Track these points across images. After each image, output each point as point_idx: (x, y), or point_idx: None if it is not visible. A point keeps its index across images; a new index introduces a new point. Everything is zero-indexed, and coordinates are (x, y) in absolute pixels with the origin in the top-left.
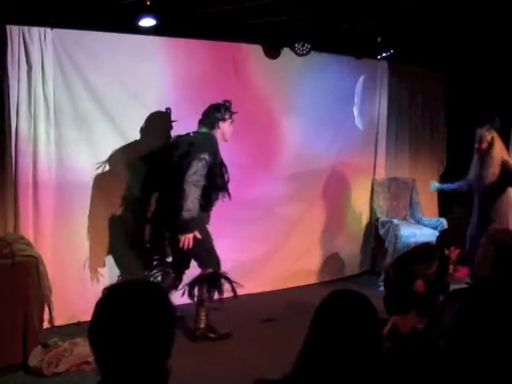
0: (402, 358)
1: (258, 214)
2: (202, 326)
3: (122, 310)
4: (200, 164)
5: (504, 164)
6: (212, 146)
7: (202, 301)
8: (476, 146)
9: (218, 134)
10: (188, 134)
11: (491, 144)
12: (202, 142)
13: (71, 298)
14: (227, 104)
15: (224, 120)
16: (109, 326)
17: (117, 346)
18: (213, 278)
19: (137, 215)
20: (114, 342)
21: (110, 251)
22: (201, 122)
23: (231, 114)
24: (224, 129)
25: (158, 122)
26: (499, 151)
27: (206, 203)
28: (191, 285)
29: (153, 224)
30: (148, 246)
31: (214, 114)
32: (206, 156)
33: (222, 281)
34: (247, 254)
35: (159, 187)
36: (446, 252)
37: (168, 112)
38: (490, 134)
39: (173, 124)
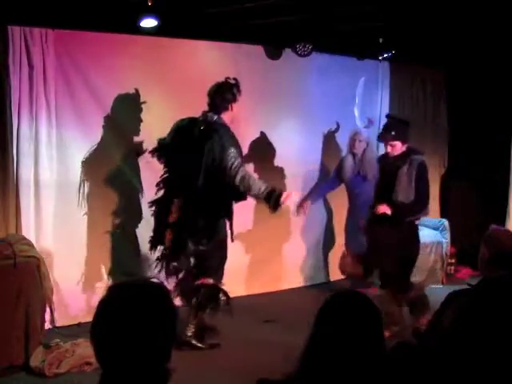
0: (403, 358)
1: (258, 215)
2: (190, 334)
3: (124, 309)
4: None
5: None
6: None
7: (197, 309)
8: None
9: (226, 117)
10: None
11: None
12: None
13: (73, 299)
14: (234, 81)
15: (236, 100)
16: (111, 326)
17: (118, 345)
18: (214, 290)
19: (158, 218)
20: (116, 342)
21: (112, 252)
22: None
23: (240, 91)
24: (234, 110)
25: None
26: None
27: (226, 213)
28: (192, 291)
29: (174, 230)
30: (167, 251)
31: (225, 94)
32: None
33: (221, 296)
34: (248, 256)
35: (185, 190)
36: None
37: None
38: None
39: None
